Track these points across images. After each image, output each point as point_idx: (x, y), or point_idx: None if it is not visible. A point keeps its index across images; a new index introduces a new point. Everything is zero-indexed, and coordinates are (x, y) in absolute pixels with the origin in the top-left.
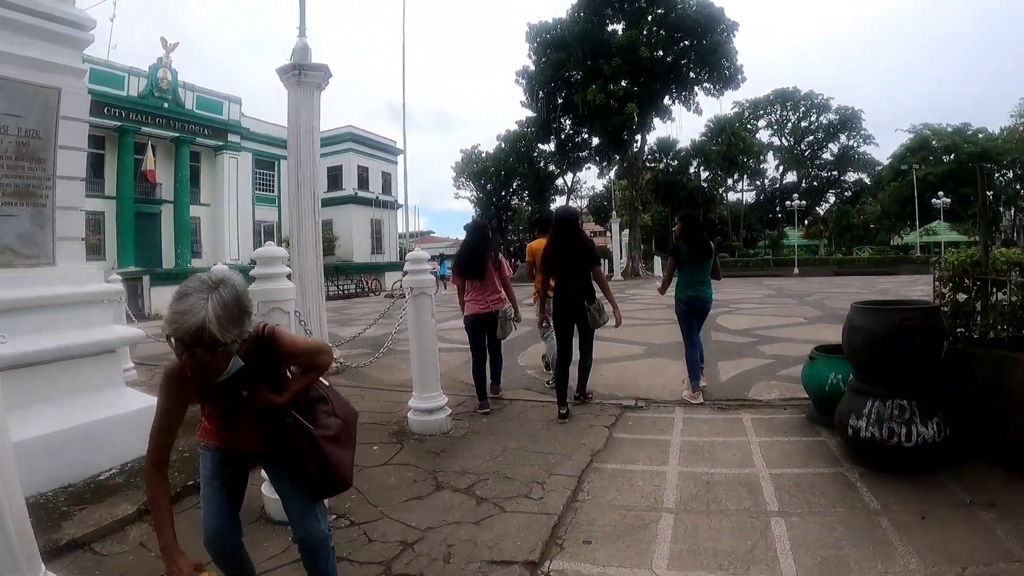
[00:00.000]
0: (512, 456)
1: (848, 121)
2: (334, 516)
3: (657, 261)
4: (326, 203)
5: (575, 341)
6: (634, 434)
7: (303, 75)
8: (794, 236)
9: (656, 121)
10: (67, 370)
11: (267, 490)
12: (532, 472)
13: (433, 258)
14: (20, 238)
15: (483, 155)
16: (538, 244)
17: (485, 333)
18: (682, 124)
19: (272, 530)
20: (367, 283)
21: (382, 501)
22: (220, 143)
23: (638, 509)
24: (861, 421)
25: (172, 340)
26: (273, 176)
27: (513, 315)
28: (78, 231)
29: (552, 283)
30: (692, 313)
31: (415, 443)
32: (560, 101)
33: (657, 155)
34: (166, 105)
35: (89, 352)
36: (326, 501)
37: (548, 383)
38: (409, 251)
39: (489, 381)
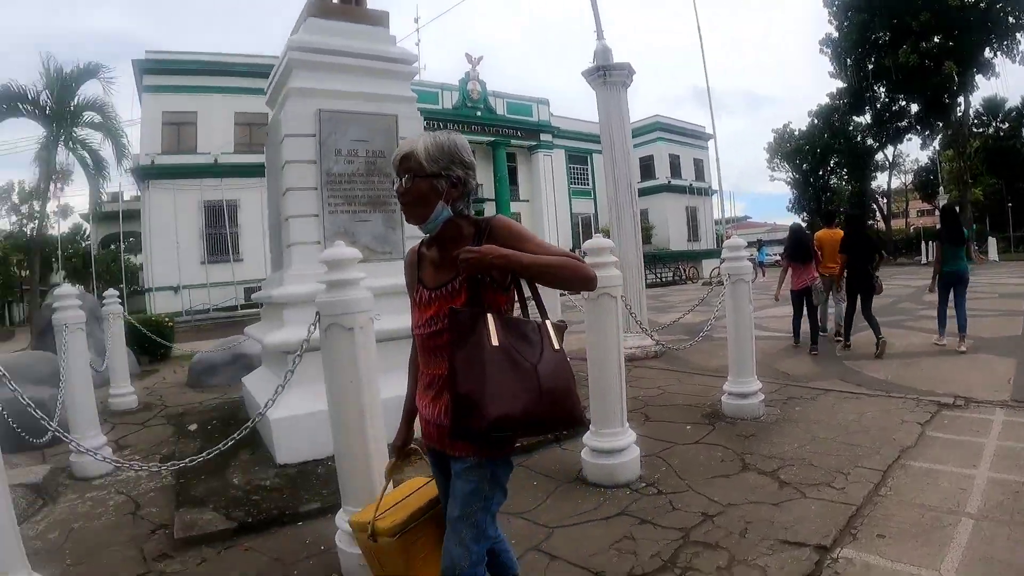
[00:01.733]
0: (820, 445)
1: None
2: (643, 484)
3: (992, 243)
4: (640, 193)
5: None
6: (947, 433)
7: (608, 75)
8: None
9: (979, 79)
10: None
11: (586, 455)
12: (837, 462)
13: (750, 244)
14: (375, 238)
15: (795, 133)
16: (823, 234)
17: (804, 299)
18: (1007, 80)
19: (587, 490)
20: (684, 270)
21: (689, 475)
22: (533, 143)
23: (938, 511)
24: None
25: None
26: (586, 170)
27: (824, 286)
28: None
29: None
30: (952, 283)
31: (726, 425)
32: (870, 67)
33: (985, 118)
34: (479, 113)
35: None
36: (640, 467)
37: (836, 339)
38: (726, 238)
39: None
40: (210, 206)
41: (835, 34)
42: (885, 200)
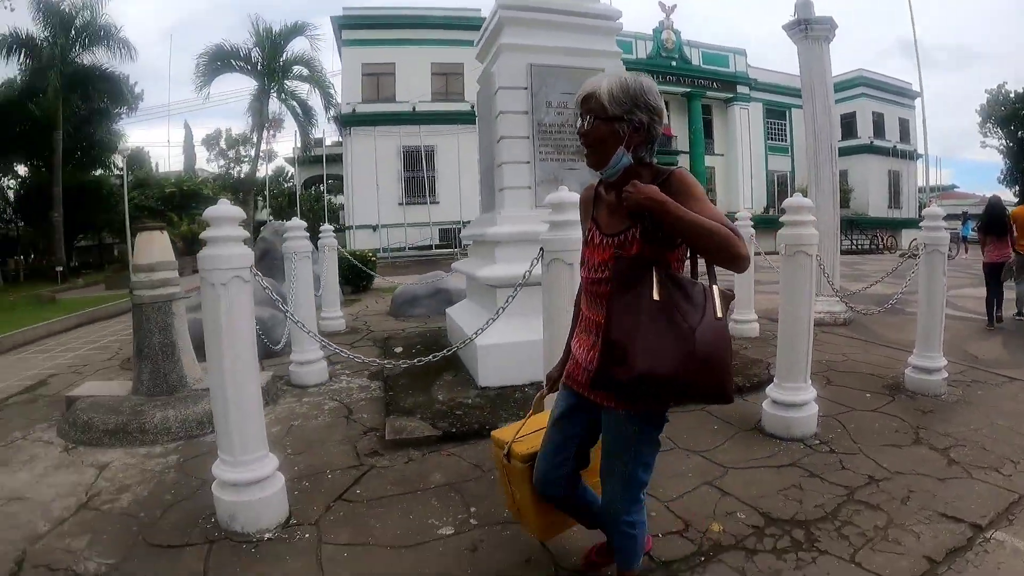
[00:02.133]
0: (996, 431)
1: None
2: (817, 441)
3: None
4: (840, 152)
5: None
6: None
7: (809, 29)
8: None
9: None
10: None
11: (767, 406)
12: (1010, 451)
13: (954, 217)
14: (582, 186)
15: (1011, 95)
16: (1019, 210)
17: (997, 273)
18: None
19: (763, 439)
20: (882, 239)
21: (862, 440)
22: (729, 95)
23: None
24: None
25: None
26: (784, 125)
27: (1016, 265)
28: None
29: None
30: None
31: (906, 399)
32: None
33: None
34: (673, 64)
35: None
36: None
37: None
38: (927, 207)
39: (997, 313)
40: (408, 151)
41: None
42: None
